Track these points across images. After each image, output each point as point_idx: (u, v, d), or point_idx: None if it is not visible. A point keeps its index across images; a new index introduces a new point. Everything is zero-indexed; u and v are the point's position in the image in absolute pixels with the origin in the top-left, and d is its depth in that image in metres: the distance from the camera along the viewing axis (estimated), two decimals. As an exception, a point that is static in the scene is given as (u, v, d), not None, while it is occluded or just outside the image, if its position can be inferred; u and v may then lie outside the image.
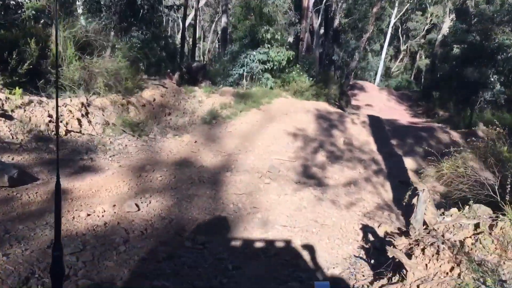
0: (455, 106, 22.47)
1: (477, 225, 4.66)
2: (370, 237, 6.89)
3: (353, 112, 21.34)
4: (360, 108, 26.44)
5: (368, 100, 29.67)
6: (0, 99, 8.00)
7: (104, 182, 6.97)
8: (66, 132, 8.65)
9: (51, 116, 8.46)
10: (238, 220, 6.79)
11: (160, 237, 5.66)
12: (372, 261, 5.87)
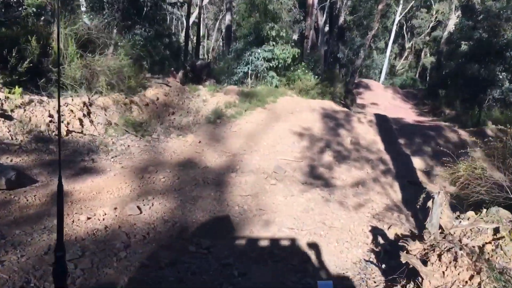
0: (461, 104, 22.12)
1: (496, 230, 4.42)
2: (380, 240, 6.71)
3: (358, 110, 21.13)
4: (366, 106, 26.22)
5: (373, 98, 29.45)
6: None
7: (105, 184, 6.77)
8: (67, 132, 8.46)
9: (52, 116, 8.26)
10: (243, 222, 6.58)
11: (163, 241, 5.44)
12: (383, 266, 5.67)
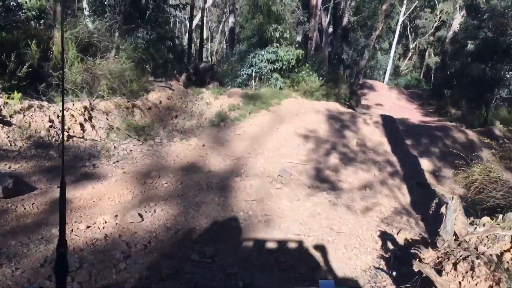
0: (467, 104, 21.84)
1: (515, 237, 4.21)
2: (390, 245, 6.49)
3: (363, 111, 20.87)
4: (370, 107, 25.96)
5: (378, 99, 29.19)
6: (-2, 104, 7.67)
7: (106, 190, 6.58)
8: (68, 137, 8.30)
9: (52, 121, 8.10)
10: (248, 228, 6.36)
11: (165, 250, 5.23)
12: (394, 273, 5.47)
